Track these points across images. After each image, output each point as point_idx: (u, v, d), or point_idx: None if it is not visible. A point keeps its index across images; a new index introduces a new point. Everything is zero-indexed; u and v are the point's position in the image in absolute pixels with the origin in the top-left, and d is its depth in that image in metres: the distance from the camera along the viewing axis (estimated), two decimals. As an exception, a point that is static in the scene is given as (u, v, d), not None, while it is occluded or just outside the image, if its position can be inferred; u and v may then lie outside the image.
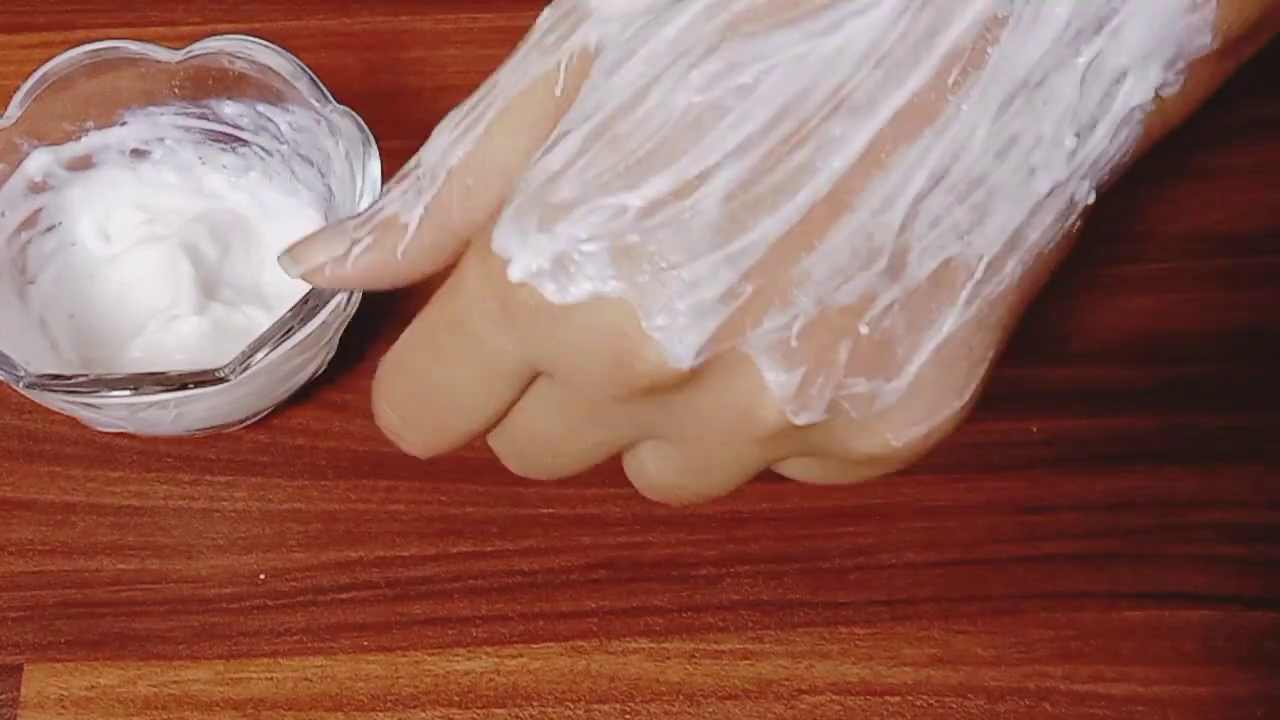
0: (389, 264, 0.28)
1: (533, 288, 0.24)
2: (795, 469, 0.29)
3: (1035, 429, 0.43)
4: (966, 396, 0.27)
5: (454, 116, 0.28)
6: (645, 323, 0.24)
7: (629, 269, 0.23)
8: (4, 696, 0.39)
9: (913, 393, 0.26)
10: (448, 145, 0.27)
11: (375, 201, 0.28)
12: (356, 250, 0.28)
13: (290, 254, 0.29)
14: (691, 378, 0.24)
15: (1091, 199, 0.26)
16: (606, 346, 0.24)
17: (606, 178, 0.24)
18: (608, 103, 0.24)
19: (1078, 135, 0.25)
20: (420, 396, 0.28)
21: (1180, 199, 0.47)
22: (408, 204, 0.28)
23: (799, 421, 0.25)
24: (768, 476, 0.42)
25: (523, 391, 0.27)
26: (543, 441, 0.28)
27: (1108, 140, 0.25)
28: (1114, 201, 0.48)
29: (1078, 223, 0.26)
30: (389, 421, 0.30)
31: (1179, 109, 0.26)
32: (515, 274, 0.24)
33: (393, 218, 0.28)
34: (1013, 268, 0.26)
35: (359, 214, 0.28)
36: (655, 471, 0.28)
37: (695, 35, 0.24)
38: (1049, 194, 0.25)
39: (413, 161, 0.28)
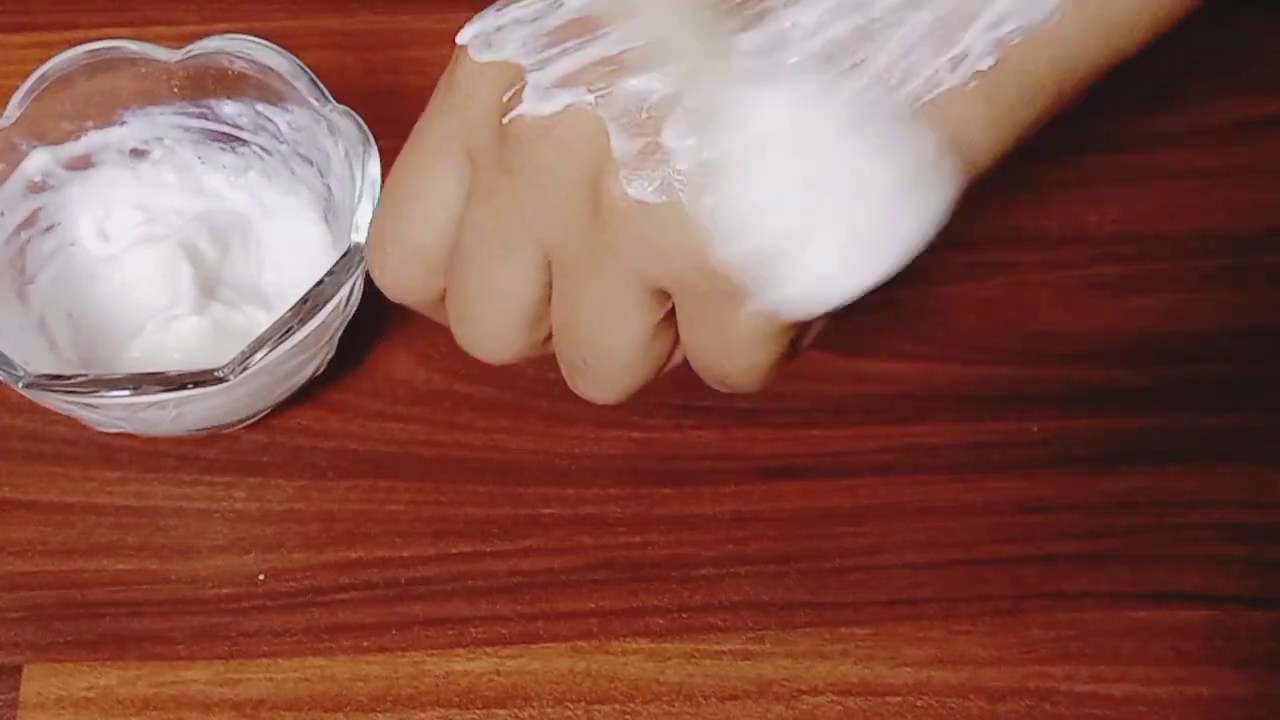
0: None
1: (466, 50, 0.29)
2: (681, 332, 0.30)
3: (1035, 429, 0.43)
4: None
5: None
6: (527, 77, 0.28)
7: (537, 41, 0.28)
8: (4, 697, 0.39)
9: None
10: None
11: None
12: None
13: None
14: (547, 127, 0.27)
15: (988, 62, 0.26)
16: (496, 97, 0.28)
17: None
18: None
19: None
20: (393, 210, 0.32)
21: (1180, 199, 0.47)
22: None
23: (633, 188, 0.27)
24: (768, 476, 0.42)
25: (462, 208, 0.30)
26: (464, 257, 0.30)
27: None
28: (1114, 202, 0.48)
29: (972, 83, 0.26)
30: (375, 255, 0.33)
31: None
32: (460, 38, 0.29)
33: None
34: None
35: None
36: (556, 305, 0.30)
37: None
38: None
39: None
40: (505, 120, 0.28)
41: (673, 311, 0.30)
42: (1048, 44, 0.26)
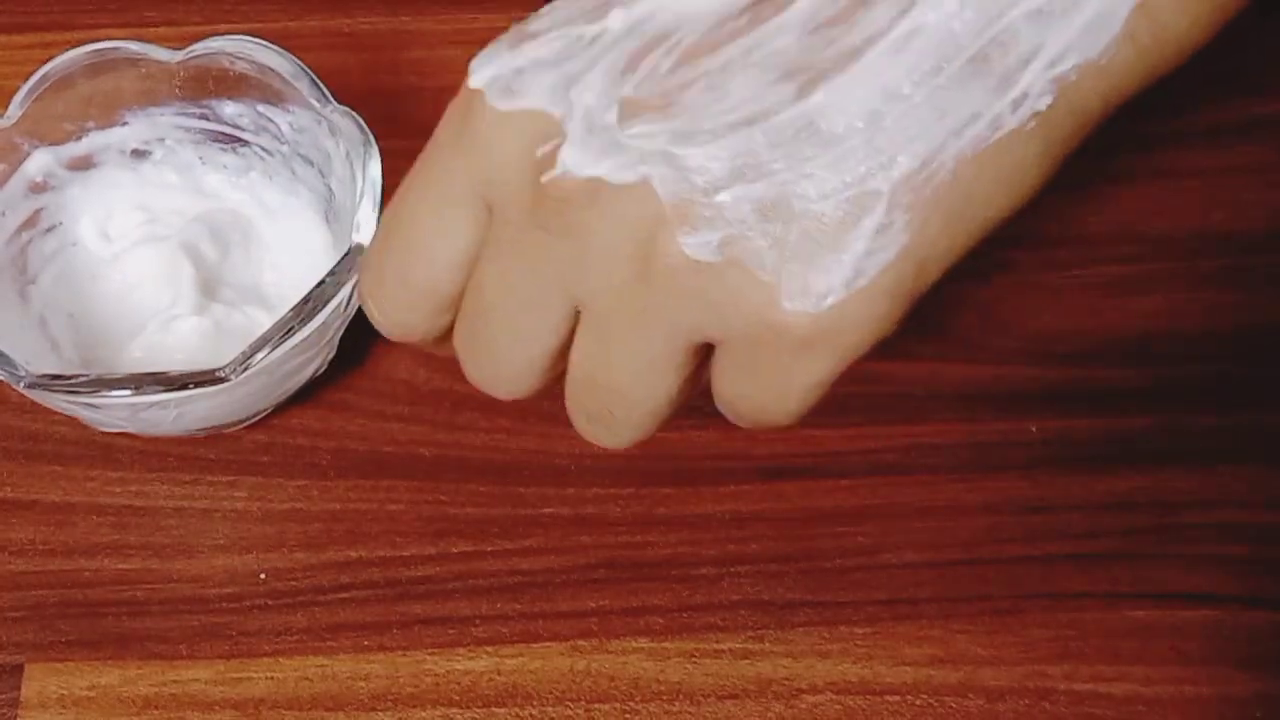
0: None
1: (483, 95, 0.27)
2: (721, 383, 0.29)
3: (1035, 429, 0.43)
4: (867, 280, 0.26)
5: None
6: (566, 131, 0.26)
7: (565, 84, 0.26)
8: (4, 696, 0.39)
9: (807, 245, 0.26)
10: None
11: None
12: None
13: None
14: (593, 190, 0.26)
15: (1046, 101, 0.26)
16: (526, 149, 0.26)
17: (574, 14, 0.26)
18: None
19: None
20: (394, 242, 0.30)
21: (1180, 199, 0.47)
22: None
23: (690, 250, 0.26)
24: (768, 476, 0.43)
25: (475, 253, 0.29)
26: (486, 306, 0.29)
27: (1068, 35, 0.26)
28: (1114, 202, 0.48)
29: (1031, 123, 0.26)
30: (368, 288, 0.31)
31: (1175, 14, 0.27)
32: (474, 81, 0.27)
33: None
34: (940, 163, 0.26)
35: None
36: (583, 359, 0.29)
37: None
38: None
39: None
40: (543, 180, 0.26)
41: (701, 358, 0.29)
42: (1100, 78, 0.26)
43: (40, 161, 0.41)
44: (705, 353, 0.29)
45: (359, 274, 0.31)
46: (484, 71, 0.27)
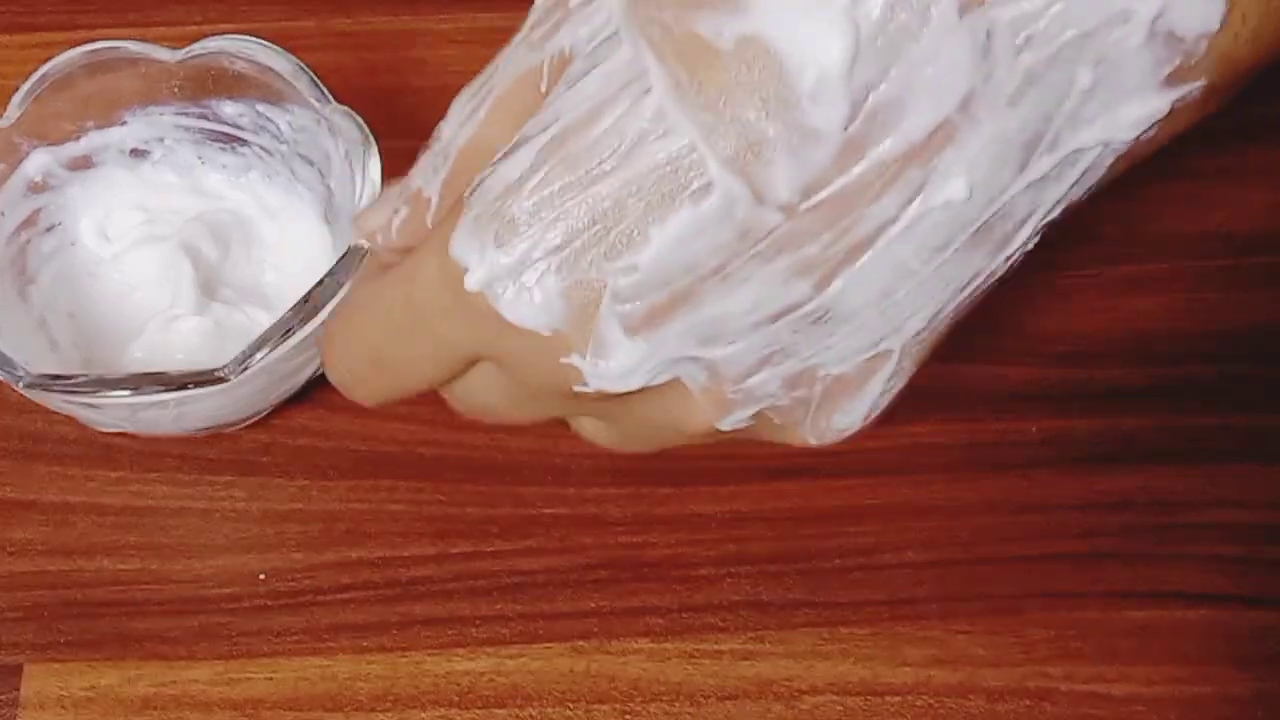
0: (423, 232, 0.29)
1: (486, 296, 0.25)
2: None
3: (1035, 429, 0.43)
4: (879, 411, 0.29)
5: (465, 94, 0.29)
6: (590, 348, 0.25)
7: (579, 301, 0.24)
8: (4, 696, 0.39)
9: (829, 400, 0.28)
10: (458, 125, 0.28)
11: (409, 172, 0.30)
12: (396, 220, 0.29)
13: (354, 221, 0.31)
14: (624, 396, 0.26)
15: (1034, 243, 0.27)
16: (550, 366, 0.26)
17: (562, 199, 0.24)
18: (564, 115, 0.24)
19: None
20: (372, 361, 0.30)
21: (1180, 199, 0.47)
22: (427, 179, 0.29)
23: (724, 428, 0.28)
24: (768, 476, 0.42)
25: (471, 364, 0.28)
26: (487, 409, 0.30)
27: (1059, 188, 0.26)
28: (1113, 202, 0.48)
29: (1018, 262, 0.27)
30: (341, 378, 0.31)
31: (1152, 144, 0.27)
32: (471, 284, 0.25)
33: (418, 191, 0.29)
34: (943, 314, 0.27)
35: (399, 183, 0.30)
36: (593, 432, 0.31)
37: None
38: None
39: (434, 134, 0.29)
40: (575, 389, 0.26)
41: None
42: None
43: (39, 161, 0.41)
44: None
45: (326, 343, 0.31)
46: (476, 274, 0.25)
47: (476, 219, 0.25)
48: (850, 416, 0.28)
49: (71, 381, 0.36)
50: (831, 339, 0.26)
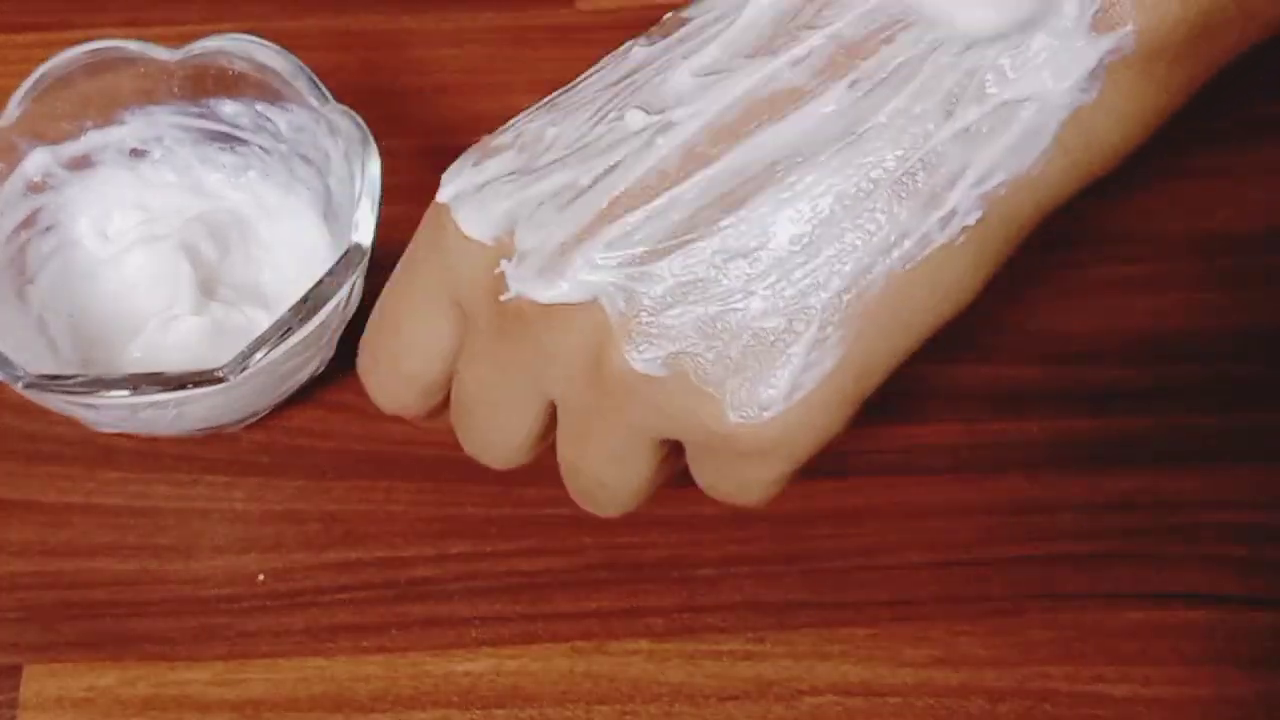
0: None
1: (450, 212, 0.29)
2: (693, 469, 0.32)
3: (1035, 429, 0.43)
4: (805, 392, 0.28)
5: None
6: (517, 255, 0.28)
7: (525, 214, 0.28)
8: (3, 697, 0.39)
9: (750, 360, 0.28)
10: None
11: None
12: None
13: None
14: (545, 308, 0.28)
15: (975, 216, 0.27)
16: (486, 269, 0.29)
17: (532, 126, 0.29)
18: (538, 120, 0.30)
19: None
20: (384, 339, 0.33)
21: (1180, 199, 0.47)
22: None
23: (638, 366, 0.28)
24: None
25: (456, 346, 0.31)
26: (470, 401, 0.32)
27: (998, 152, 0.27)
28: (1113, 202, 0.48)
29: (961, 238, 0.27)
30: (371, 386, 0.35)
31: (1108, 124, 0.27)
32: (441, 195, 0.29)
33: None
34: (870, 279, 0.27)
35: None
36: (563, 447, 0.32)
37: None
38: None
39: None
40: (501, 299, 0.28)
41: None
42: (1032, 189, 0.27)
43: (38, 161, 0.41)
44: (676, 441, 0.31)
45: (358, 354, 0.34)
46: (450, 187, 0.29)
47: (467, 151, 0.30)
48: (773, 389, 0.27)
49: (70, 381, 0.36)
50: (753, 283, 0.27)
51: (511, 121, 0.30)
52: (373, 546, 0.41)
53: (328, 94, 0.40)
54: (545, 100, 0.30)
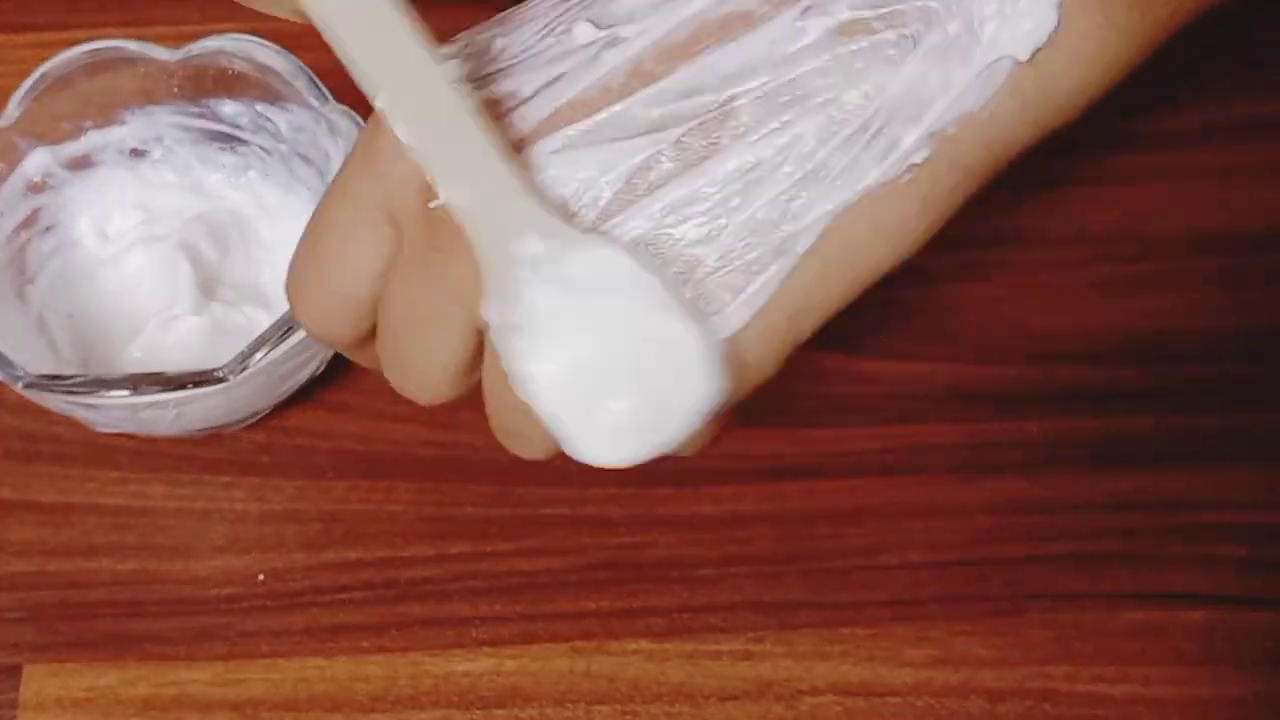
0: None
1: (385, 117, 0.27)
2: None
3: (1035, 429, 0.43)
4: (733, 330, 0.28)
5: None
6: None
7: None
8: (3, 697, 0.39)
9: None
10: None
11: None
12: None
13: None
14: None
15: (922, 155, 0.26)
16: (418, 175, 0.27)
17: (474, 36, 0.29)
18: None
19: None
20: (313, 253, 0.31)
21: (1180, 199, 0.47)
22: None
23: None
24: (768, 477, 0.42)
25: (386, 268, 0.29)
26: (396, 320, 0.30)
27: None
28: (1112, 202, 0.48)
29: (906, 176, 0.27)
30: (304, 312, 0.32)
31: (1063, 65, 0.27)
32: (378, 101, 0.27)
33: None
34: (812, 216, 0.27)
35: None
36: (487, 377, 0.30)
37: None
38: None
39: None
40: (430, 205, 0.27)
41: None
42: (983, 130, 0.27)
43: (39, 161, 0.41)
44: None
45: (287, 272, 0.32)
46: (384, 96, 0.27)
47: None
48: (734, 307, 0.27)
49: (70, 381, 0.36)
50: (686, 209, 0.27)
51: (461, 34, 0.30)
52: (373, 546, 0.41)
53: (328, 94, 0.40)
54: (498, 15, 0.30)
